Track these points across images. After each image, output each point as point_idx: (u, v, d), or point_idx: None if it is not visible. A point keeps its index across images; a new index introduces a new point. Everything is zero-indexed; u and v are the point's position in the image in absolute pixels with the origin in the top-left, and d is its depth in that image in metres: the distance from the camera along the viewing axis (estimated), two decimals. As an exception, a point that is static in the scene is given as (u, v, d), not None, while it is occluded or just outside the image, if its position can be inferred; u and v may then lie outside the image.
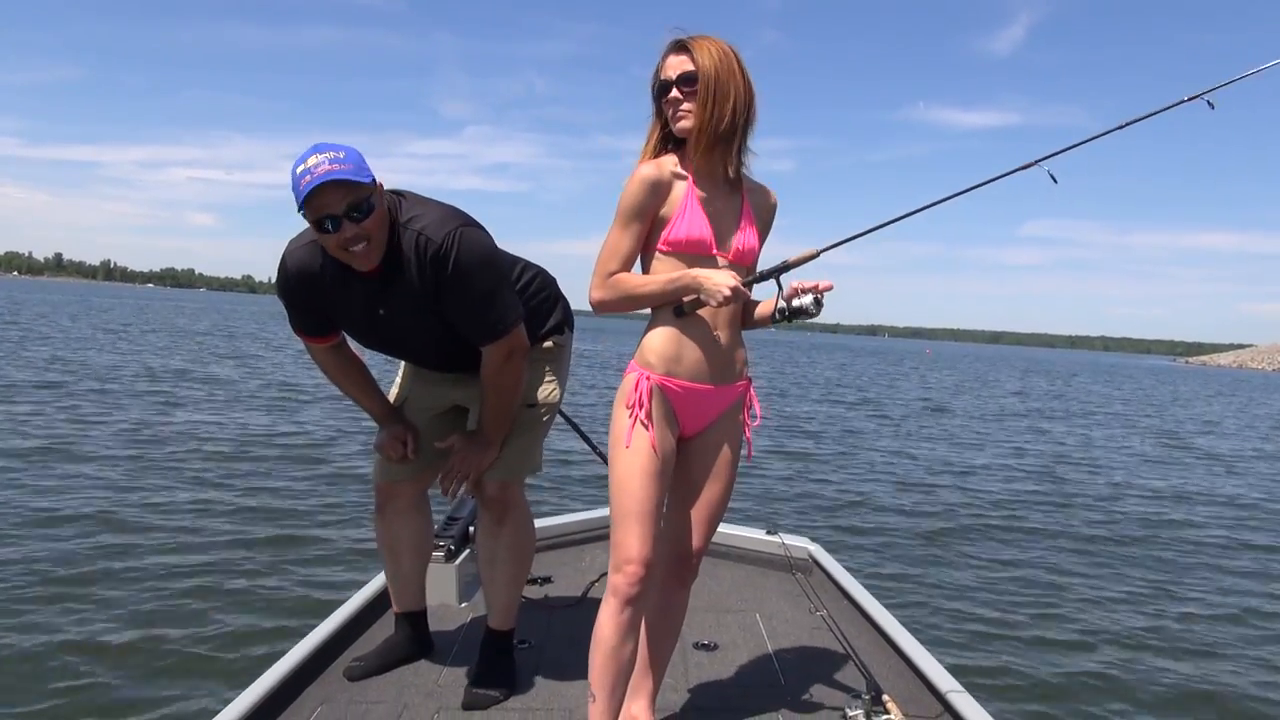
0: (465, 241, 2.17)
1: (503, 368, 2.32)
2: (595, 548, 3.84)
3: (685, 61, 1.91)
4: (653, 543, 1.92)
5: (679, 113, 1.93)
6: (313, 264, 2.23)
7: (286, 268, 2.27)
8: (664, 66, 1.95)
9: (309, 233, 2.20)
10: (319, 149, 2.05)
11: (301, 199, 2.02)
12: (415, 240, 2.15)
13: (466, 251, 2.16)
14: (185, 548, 5.10)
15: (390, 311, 2.25)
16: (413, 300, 2.22)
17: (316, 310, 2.33)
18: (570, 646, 2.80)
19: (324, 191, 2.01)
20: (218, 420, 9.73)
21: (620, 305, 1.95)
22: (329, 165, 2.01)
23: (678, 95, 1.92)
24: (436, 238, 2.15)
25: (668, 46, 1.95)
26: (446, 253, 2.14)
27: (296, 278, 2.25)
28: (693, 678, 2.64)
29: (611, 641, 1.94)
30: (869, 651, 2.81)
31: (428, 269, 2.16)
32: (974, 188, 2.18)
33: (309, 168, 2.01)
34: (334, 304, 2.29)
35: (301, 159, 2.04)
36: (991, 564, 6.02)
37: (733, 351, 2.04)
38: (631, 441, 1.91)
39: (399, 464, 2.54)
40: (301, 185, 2.01)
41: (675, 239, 1.94)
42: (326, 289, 2.24)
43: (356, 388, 2.53)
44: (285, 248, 2.29)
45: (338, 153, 2.04)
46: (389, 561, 2.65)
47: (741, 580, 3.57)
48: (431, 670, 2.61)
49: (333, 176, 2.00)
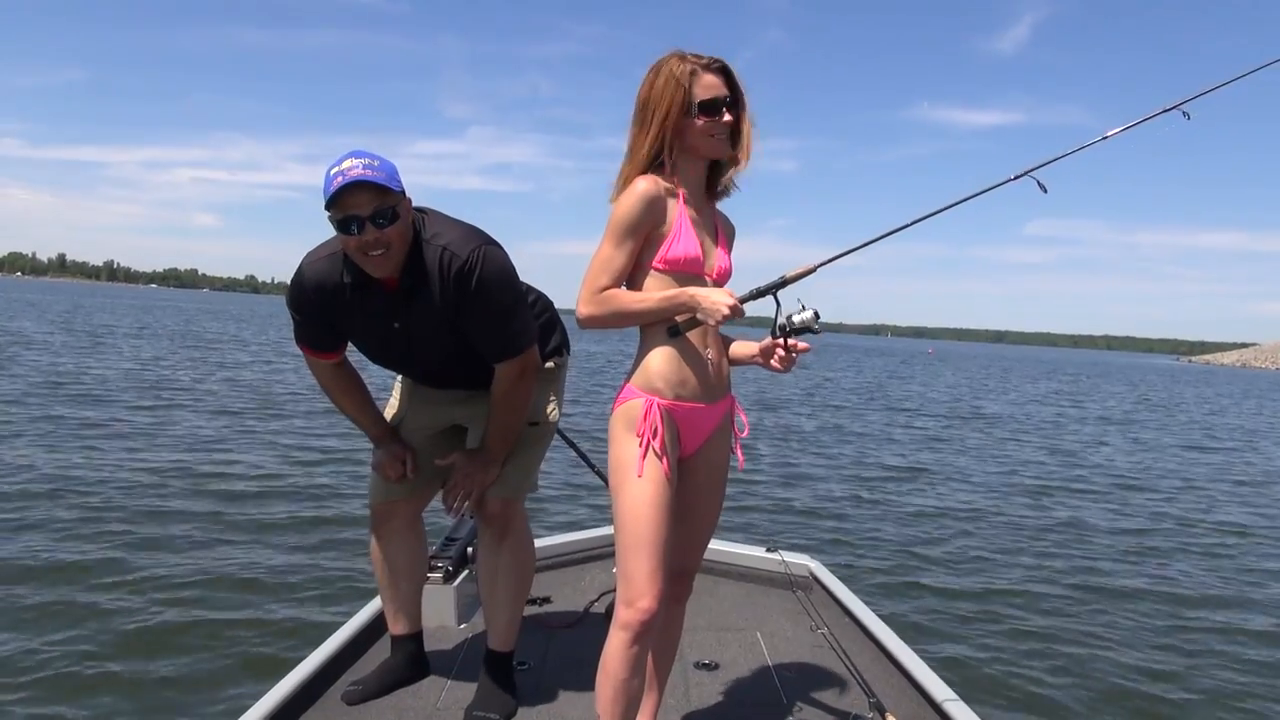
0: (488, 259, 2.20)
1: (515, 385, 2.34)
2: (594, 568, 3.82)
3: (724, 85, 1.92)
4: (664, 575, 1.87)
5: (718, 136, 1.93)
6: (333, 275, 2.24)
7: (304, 279, 2.28)
8: (702, 84, 1.90)
9: (328, 245, 2.25)
10: (356, 154, 2.11)
11: (329, 196, 2.07)
12: (440, 255, 2.19)
13: (489, 269, 2.20)
14: (178, 570, 5.02)
15: (406, 325, 2.27)
16: (432, 314, 2.24)
17: (327, 324, 2.34)
18: (570, 668, 2.79)
19: (353, 192, 2.06)
20: (203, 437, 9.58)
21: (610, 321, 1.90)
22: (362, 170, 2.06)
23: (728, 118, 1.92)
24: (461, 254, 2.18)
25: (698, 63, 1.91)
26: (471, 269, 2.18)
27: (315, 289, 2.26)
28: (694, 697, 2.63)
29: (622, 675, 1.89)
30: (870, 669, 2.80)
31: (450, 284, 2.19)
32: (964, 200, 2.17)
33: (343, 169, 2.07)
34: (349, 315, 2.30)
35: (337, 161, 2.10)
36: (995, 580, 5.95)
37: (721, 367, 2.03)
38: (644, 470, 1.86)
39: (396, 483, 2.54)
40: (333, 184, 2.06)
41: (674, 257, 1.92)
42: (345, 300, 2.26)
43: (355, 406, 2.52)
44: (302, 260, 2.30)
45: (373, 160, 2.11)
46: (385, 583, 2.64)
47: (742, 598, 3.55)
48: (430, 693, 2.59)
49: (364, 179, 2.05)
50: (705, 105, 1.90)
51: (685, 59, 1.91)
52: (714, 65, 1.92)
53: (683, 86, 1.88)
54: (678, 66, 1.90)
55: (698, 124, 1.90)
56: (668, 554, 1.88)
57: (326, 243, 2.27)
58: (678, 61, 1.91)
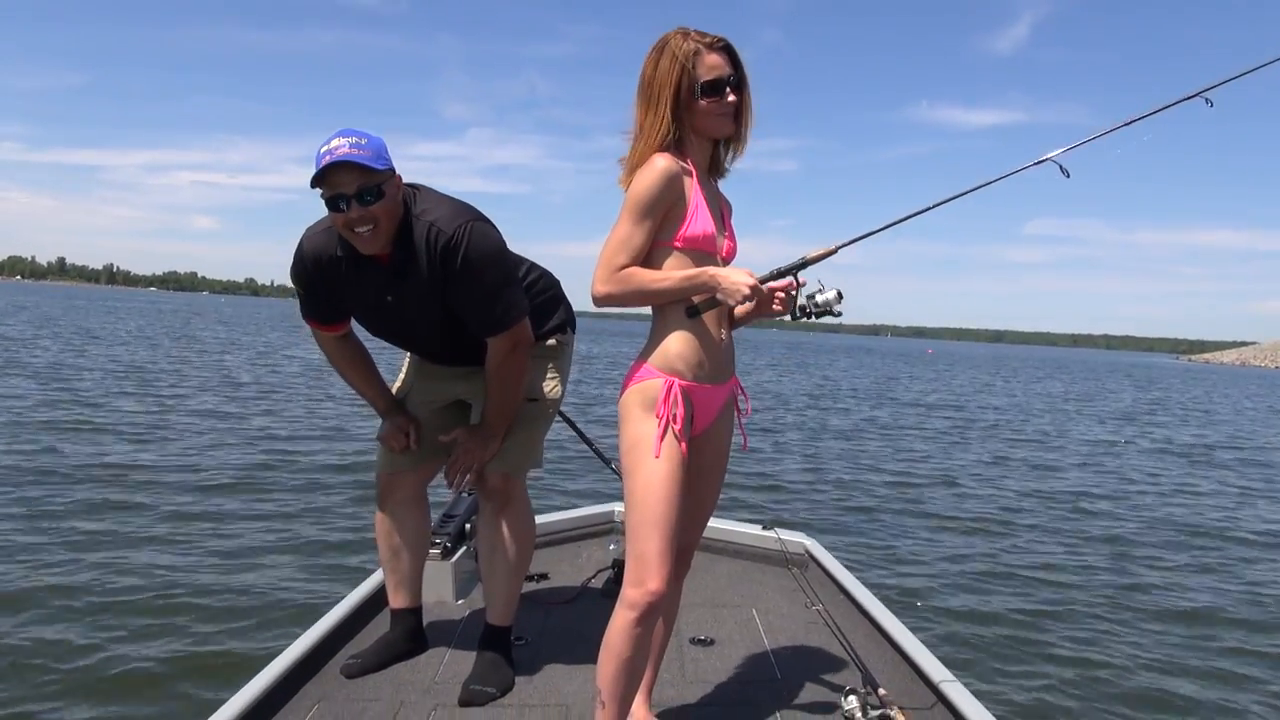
0: (475, 235, 2.24)
1: (506, 360, 2.38)
2: (591, 544, 3.84)
3: (728, 64, 1.91)
4: (674, 556, 1.87)
5: (723, 115, 1.92)
6: (329, 248, 2.29)
7: (303, 251, 2.33)
8: (705, 64, 1.88)
9: (326, 219, 2.30)
10: (344, 133, 2.15)
11: (316, 174, 2.12)
12: (427, 231, 2.23)
13: (476, 244, 2.24)
14: (180, 546, 5.11)
15: (398, 299, 2.32)
16: (421, 289, 2.28)
17: (329, 296, 2.39)
18: (567, 643, 2.81)
19: (338, 171, 2.11)
20: (207, 418, 9.67)
21: (628, 300, 1.87)
22: (348, 149, 2.11)
23: (732, 98, 1.92)
24: (448, 230, 2.22)
25: (701, 42, 1.88)
26: (457, 245, 2.22)
27: (313, 261, 2.32)
28: (689, 673, 2.65)
29: (626, 653, 1.89)
30: (864, 646, 2.82)
31: (437, 260, 2.23)
32: (990, 182, 2.14)
33: (330, 148, 2.12)
34: (346, 287, 2.34)
35: (327, 139, 2.15)
36: (987, 558, 6.03)
37: (730, 347, 2.04)
38: (662, 451, 1.87)
39: (401, 454, 2.58)
40: (321, 163, 2.12)
41: (692, 235, 1.91)
42: (341, 273, 2.30)
43: (360, 378, 2.57)
44: (303, 234, 2.36)
45: (360, 139, 2.15)
46: (387, 556, 2.67)
47: (738, 575, 3.57)
48: (428, 667, 2.61)
49: (348, 158, 2.11)
50: (708, 86, 1.88)
51: (689, 36, 1.89)
52: (718, 44, 1.90)
53: (685, 68, 1.87)
54: (680, 45, 1.88)
55: (701, 105, 1.90)
56: (678, 535, 1.89)
57: (325, 216, 2.31)
58: (680, 39, 1.89)
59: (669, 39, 1.91)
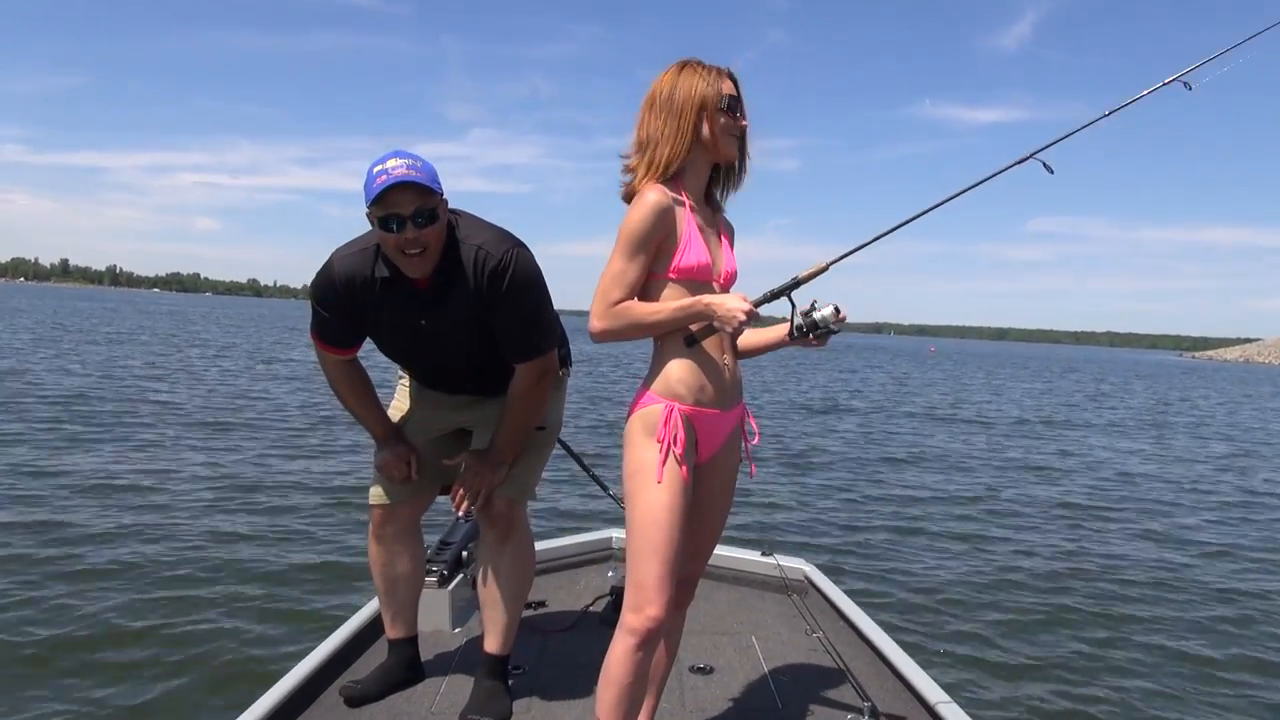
0: (520, 260, 2.27)
1: (533, 387, 2.39)
2: (588, 571, 3.82)
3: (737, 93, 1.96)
4: (674, 583, 1.87)
5: (734, 136, 1.97)
6: (363, 269, 2.28)
7: (333, 272, 2.30)
8: (721, 85, 1.94)
9: (359, 241, 2.30)
10: (399, 154, 2.17)
11: (374, 196, 2.11)
12: (475, 254, 2.24)
13: (522, 269, 2.26)
14: (176, 574, 5.02)
15: (433, 323, 2.31)
16: (460, 314, 2.28)
17: (349, 319, 2.36)
18: (565, 672, 2.79)
19: (397, 191, 2.11)
20: (199, 445, 9.57)
21: (625, 334, 1.90)
22: (406, 170, 2.12)
23: (744, 122, 1.97)
24: (496, 253, 2.24)
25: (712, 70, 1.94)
26: (505, 268, 2.24)
27: (344, 283, 2.29)
28: (689, 701, 2.63)
29: (625, 680, 1.89)
30: (865, 672, 2.81)
31: (484, 283, 2.24)
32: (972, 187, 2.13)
33: (387, 168, 2.12)
34: (376, 311, 2.32)
35: (381, 160, 2.16)
36: (991, 585, 5.91)
37: (736, 373, 2.04)
38: (664, 476, 1.86)
39: (400, 485, 2.56)
40: (377, 183, 2.11)
41: (686, 265, 1.92)
42: (374, 295, 2.29)
43: (360, 403, 2.55)
44: (332, 254, 2.33)
45: (415, 160, 2.17)
46: (383, 586, 2.65)
47: (737, 602, 3.55)
48: (425, 696, 2.60)
49: (408, 179, 2.10)
50: (730, 101, 1.94)
51: (700, 65, 1.95)
52: (726, 73, 1.97)
53: (709, 83, 1.93)
54: (700, 66, 1.94)
55: (721, 121, 1.93)
56: (679, 562, 1.88)
57: (358, 239, 2.32)
58: (697, 63, 1.95)
59: (687, 61, 1.97)
